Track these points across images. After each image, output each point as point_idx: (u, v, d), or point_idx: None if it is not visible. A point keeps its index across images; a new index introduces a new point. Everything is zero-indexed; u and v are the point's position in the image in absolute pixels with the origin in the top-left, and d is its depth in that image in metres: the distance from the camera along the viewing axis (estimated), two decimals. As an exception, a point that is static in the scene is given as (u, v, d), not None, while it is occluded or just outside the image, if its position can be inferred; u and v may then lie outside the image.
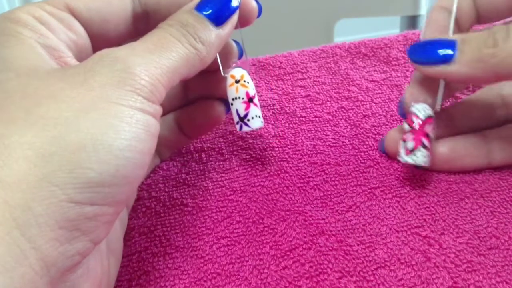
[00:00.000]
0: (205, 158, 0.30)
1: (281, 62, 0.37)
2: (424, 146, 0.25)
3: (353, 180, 0.28)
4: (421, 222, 0.25)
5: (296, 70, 0.37)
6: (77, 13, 0.21)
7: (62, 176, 0.16)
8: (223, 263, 0.23)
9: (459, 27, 0.27)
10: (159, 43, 0.20)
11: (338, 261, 0.23)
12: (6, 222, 0.15)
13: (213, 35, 0.22)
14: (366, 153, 0.29)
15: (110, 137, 0.17)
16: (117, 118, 0.17)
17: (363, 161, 0.29)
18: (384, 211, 0.26)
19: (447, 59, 0.24)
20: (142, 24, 0.24)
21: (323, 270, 0.23)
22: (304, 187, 0.27)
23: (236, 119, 0.26)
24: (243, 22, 0.25)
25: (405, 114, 0.27)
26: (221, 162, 0.30)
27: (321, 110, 0.33)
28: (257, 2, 0.25)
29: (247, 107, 0.26)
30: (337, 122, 0.32)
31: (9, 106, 0.17)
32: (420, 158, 0.25)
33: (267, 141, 0.31)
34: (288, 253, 0.24)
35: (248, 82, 0.26)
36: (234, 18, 0.23)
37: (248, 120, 0.26)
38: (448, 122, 0.28)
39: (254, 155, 0.30)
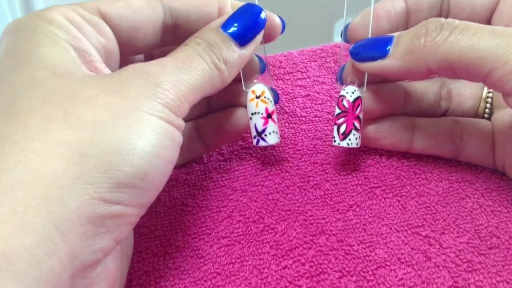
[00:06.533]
0: (205, 158, 0.30)
1: (281, 62, 0.37)
2: (356, 129, 0.26)
3: (353, 179, 0.28)
4: (422, 222, 0.25)
5: (296, 70, 0.37)
6: (108, 18, 0.22)
7: (96, 176, 0.16)
8: (223, 262, 0.23)
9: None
10: (188, 61, 0.21)
11: (338, 260, 0.23)
12: (42, 215, 0.15)
13: (236, 56, 0.23)
14: (367, 152, 0.29)
15: (143, 143, 0.18)
16: (148, 127, 0.18)
17: (363, 160, 0.29)
18: (385, 210, 0.26)
19: (383, 54, 0.24)
20: (169, 35, 0.24)
21: (324, 269, 0.23)
22: (304, 187, 0.27)
23: (253, 133, 0.27)
24: (266, 38, 0.25)
25: (342, 81, 0.27)
26: (222, 162, 0.30)
27: (321, 110, 0.33)
28: (281, 19, 0.25)
29: (265, 123, 0.26)
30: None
31: (48, 104, 0.17)
32: (353, 141, 0.26)
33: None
34: (288, 252, 0.24)
35: (268, 98, 0.27)
36: (258, 38, 0.24)
37: (265, 135, 0.26)
38: (384, 102, 0.28)
39: (254, 154, 0.30)
